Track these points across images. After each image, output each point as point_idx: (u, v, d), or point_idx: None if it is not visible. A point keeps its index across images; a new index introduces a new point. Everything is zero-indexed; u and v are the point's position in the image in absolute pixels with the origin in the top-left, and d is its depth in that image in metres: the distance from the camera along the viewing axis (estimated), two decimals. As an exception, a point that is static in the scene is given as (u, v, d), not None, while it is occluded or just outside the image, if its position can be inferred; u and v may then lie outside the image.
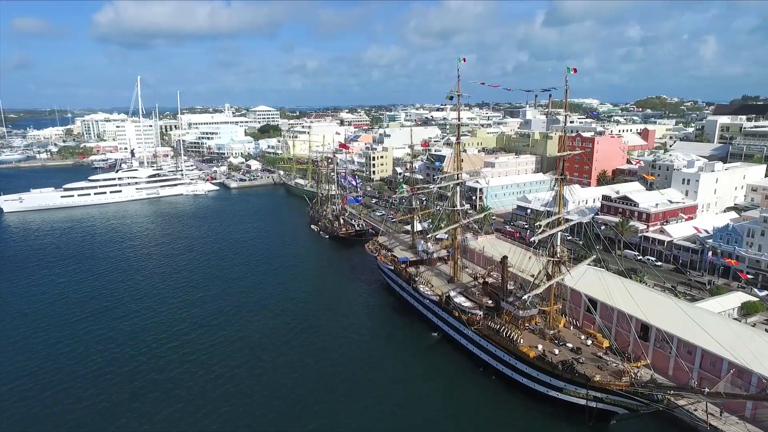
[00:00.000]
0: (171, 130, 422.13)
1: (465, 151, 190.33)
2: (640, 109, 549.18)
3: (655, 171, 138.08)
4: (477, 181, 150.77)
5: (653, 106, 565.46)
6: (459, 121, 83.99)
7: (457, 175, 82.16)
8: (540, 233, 62.11)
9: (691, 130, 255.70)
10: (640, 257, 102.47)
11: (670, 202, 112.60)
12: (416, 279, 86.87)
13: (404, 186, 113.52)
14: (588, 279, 77.25)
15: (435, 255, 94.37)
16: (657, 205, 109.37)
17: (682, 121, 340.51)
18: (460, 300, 76.54)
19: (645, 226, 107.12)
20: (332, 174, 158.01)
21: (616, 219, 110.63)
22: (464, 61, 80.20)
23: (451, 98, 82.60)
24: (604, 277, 76.98)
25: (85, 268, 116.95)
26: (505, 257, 72.90)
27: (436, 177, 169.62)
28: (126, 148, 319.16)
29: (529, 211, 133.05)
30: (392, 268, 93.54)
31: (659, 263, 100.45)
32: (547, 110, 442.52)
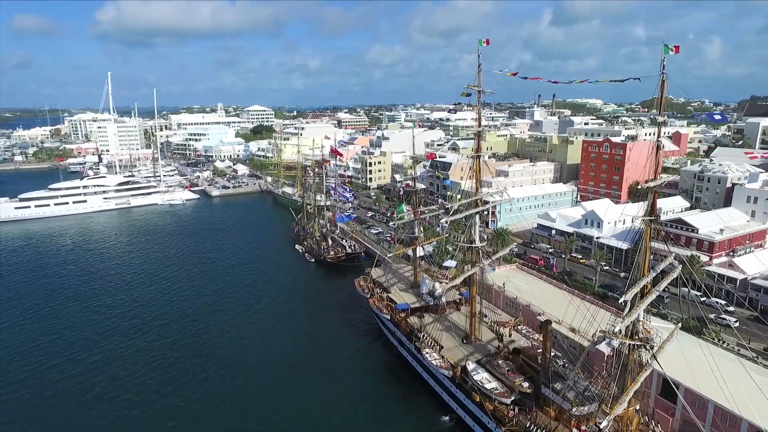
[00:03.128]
0: (160, 130, 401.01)
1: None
2: (646, 110, 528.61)
3: (702, 184, 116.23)
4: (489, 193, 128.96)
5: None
6: (480, 126, 62.11)
7: (477, 200, 60.34)
8: (627, 314, 40.11)
9: (718, 132, 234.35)
10: (704, 298, 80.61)
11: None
12: (420, 336, 65.24)
13: (404, 207, 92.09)
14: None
15: (444, 299, 72.55)
16: (722, 230, 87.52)
17: (693, 122, 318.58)
18: (481, 377, 54.82)
19: (708, 258, 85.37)
20: (321, 183, 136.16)
21: (662, 245, 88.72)
22: (487, 43, 58.54)
23: (469, 95, 60.97)
24: (679, 342, 55.54)
25: (19, 305, 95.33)
26: (547, 323, 51.00)
27: (446, 195, 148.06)
28: (107, 150, 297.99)
29: (553, 231, 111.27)
30: (389, 316, 71.87)
31: (731, 308, 78.67)
32: (551, 110, 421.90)
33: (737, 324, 73.03)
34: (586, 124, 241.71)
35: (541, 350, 58.08)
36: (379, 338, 79.94)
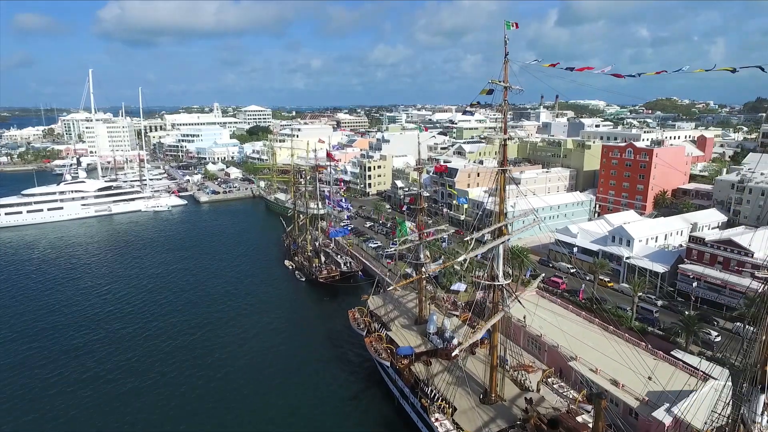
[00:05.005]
0: (154, 131, 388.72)
1: (482, 162, 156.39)
2: (650, 111, 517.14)
3: (742, 196, 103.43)
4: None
5: (663, 108, 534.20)
6: (505, 133, 49.16)
7: (502, 228, 47.36)
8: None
9: (738, 136, 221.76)
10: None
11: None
12: (427, 391, 52.48)
13: (407, 225, 79.21)
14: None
15: (455, 341, 59.70)
16: (781, 254, 74.60)
17: (700, 124, 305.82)
18: (509, 460, 42.03)
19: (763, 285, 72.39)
20: (314, 190, 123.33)
21: (714, 272, 76.02)
22: (516, 26, 45.87)
23: (490, 92, 48.28)
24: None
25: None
26: (599, 399, 38.11)
27: (452, 205, 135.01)
28: (95, 152, 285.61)
29: (575, 249, 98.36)
30: (389, 363, 59.08)
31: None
32: (554, 112, 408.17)
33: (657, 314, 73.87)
34: (597, 126, 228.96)
35: (583, 419, 45.56)
36: (376, 383, 66.97)
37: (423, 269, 65.05)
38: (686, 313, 72.57)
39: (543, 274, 62.85)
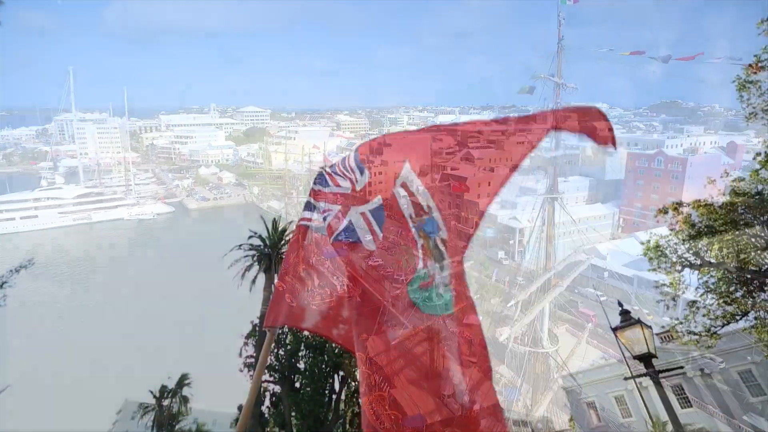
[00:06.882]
0: (148, 132, 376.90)
1: (492, 170, 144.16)
2: (654, 114, 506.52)
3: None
4: (513, 216, 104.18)
5: (667, 111, 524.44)
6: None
7: (553, 273, 34.74)
8: None
9: (760, 141, 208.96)
10: None
11: None
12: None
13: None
14: None
15: (476, 408, 47.23)
16: None
17: (708, 128, 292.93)
18: None
19: None
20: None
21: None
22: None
23: (531, 90, 36.00)
24: None
25: None
26: None
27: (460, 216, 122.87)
28: (86, 153, 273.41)
29: (606, 275, 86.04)
30: (392, 435, 46.66)
31: None
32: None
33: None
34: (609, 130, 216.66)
35: None
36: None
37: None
38: (748, 358, 60.40)
39: (590, 324, 50.70)
